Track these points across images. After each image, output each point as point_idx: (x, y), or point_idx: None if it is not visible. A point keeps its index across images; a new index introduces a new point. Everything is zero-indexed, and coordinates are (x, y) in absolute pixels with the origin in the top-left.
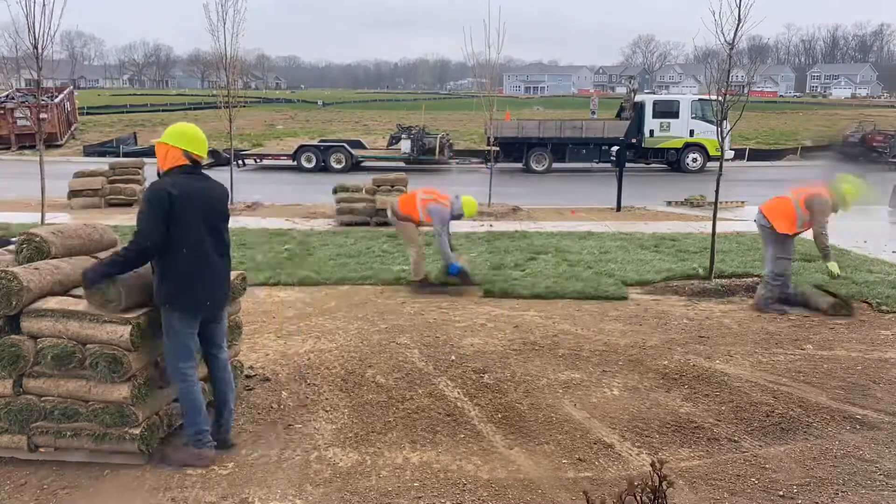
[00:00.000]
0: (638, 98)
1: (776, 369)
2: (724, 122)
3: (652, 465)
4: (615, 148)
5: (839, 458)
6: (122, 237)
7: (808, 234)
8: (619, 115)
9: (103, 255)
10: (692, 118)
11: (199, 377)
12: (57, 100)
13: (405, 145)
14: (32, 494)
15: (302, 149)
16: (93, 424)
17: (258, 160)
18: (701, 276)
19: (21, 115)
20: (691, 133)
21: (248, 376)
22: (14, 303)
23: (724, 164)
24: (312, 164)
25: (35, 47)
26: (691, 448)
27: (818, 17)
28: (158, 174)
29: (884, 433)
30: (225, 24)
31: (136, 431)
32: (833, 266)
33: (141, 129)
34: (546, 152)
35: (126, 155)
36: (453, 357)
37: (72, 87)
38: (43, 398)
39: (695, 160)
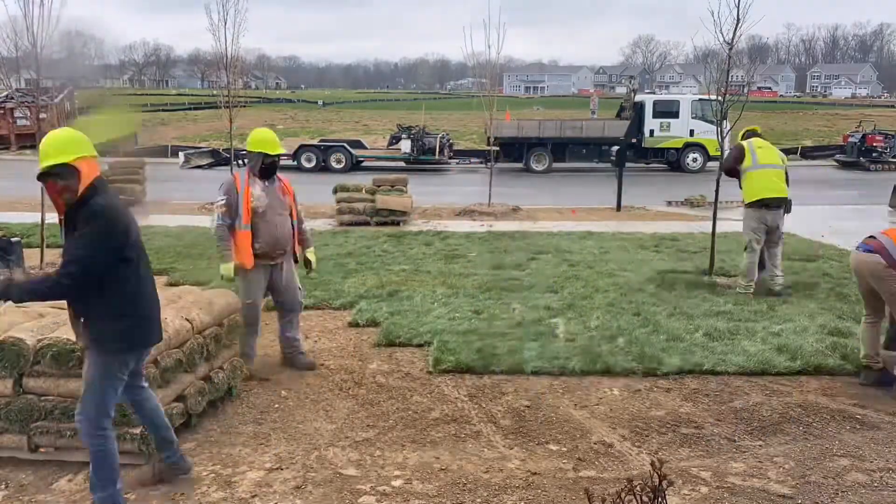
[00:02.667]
0: (638, 98)
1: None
2: (724, 121)
3: (652, 464)
4: (615, 148)
5: (839, 457)
6: None
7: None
8: (619, 115)
9: None
10: (692, 118)
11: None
12: (57, 100)
13: (405, 145)
14: (33, 495)
15: (302, 149)
16: None
17: None
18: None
19: (21, 115)
20: (691, 133)
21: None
22: None
23: None
24: (312, 164)
25: (34, 47)
26: (691, 448)
27: (818, 17)
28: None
29: (884, 433)
30: (226, 23)
31: (136, 431)
32: None
33: (141, 128)
34: (546, 152)
35: (126, 155)
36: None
37: (71, 86)
38: (43, 398)
39: (695, 160)
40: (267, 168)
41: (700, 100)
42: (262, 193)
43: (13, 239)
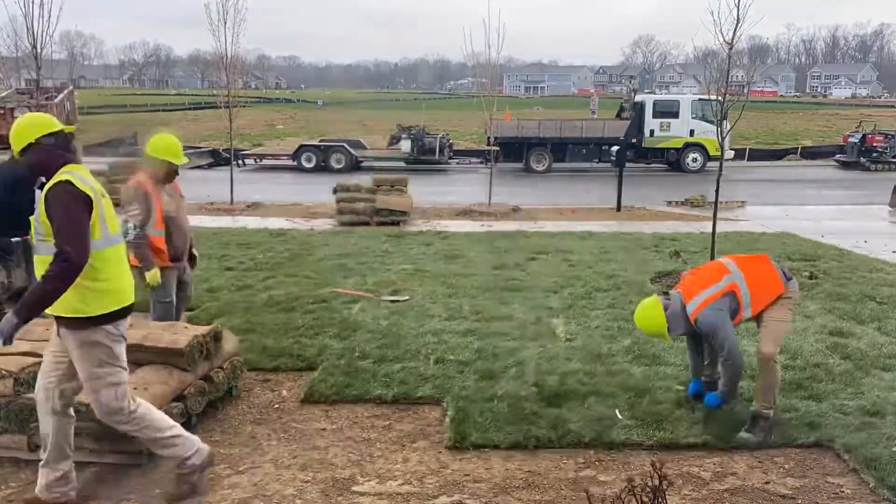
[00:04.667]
0: (638, 98)
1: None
2: (724, 121)
3: (652, 464)
4: (615, 148)
5: (839, 457)
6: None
7: None
8: (619, 115)
9: None
10: (692, 118)
11: None
12: (57, 100)
13: (405, 145)
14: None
15: (302, 148)
16: (93, 424)
17: (258, 160)
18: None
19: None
20: (691, 133)
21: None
22: None
23: (724, 164)
24: (312, 164)
25: (34, 47)
26: (691, 448)
27: (818, 17)
28: None
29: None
30: (226, 23)
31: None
32: None
33: (141, 128)
34: (546, 152)
35: (126, 154)
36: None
37: (71, 86)
38: None
39: (695, 160)
40: (172, 175)
41: (700, 100)
42: (169, 198)
43: (14, 239)
